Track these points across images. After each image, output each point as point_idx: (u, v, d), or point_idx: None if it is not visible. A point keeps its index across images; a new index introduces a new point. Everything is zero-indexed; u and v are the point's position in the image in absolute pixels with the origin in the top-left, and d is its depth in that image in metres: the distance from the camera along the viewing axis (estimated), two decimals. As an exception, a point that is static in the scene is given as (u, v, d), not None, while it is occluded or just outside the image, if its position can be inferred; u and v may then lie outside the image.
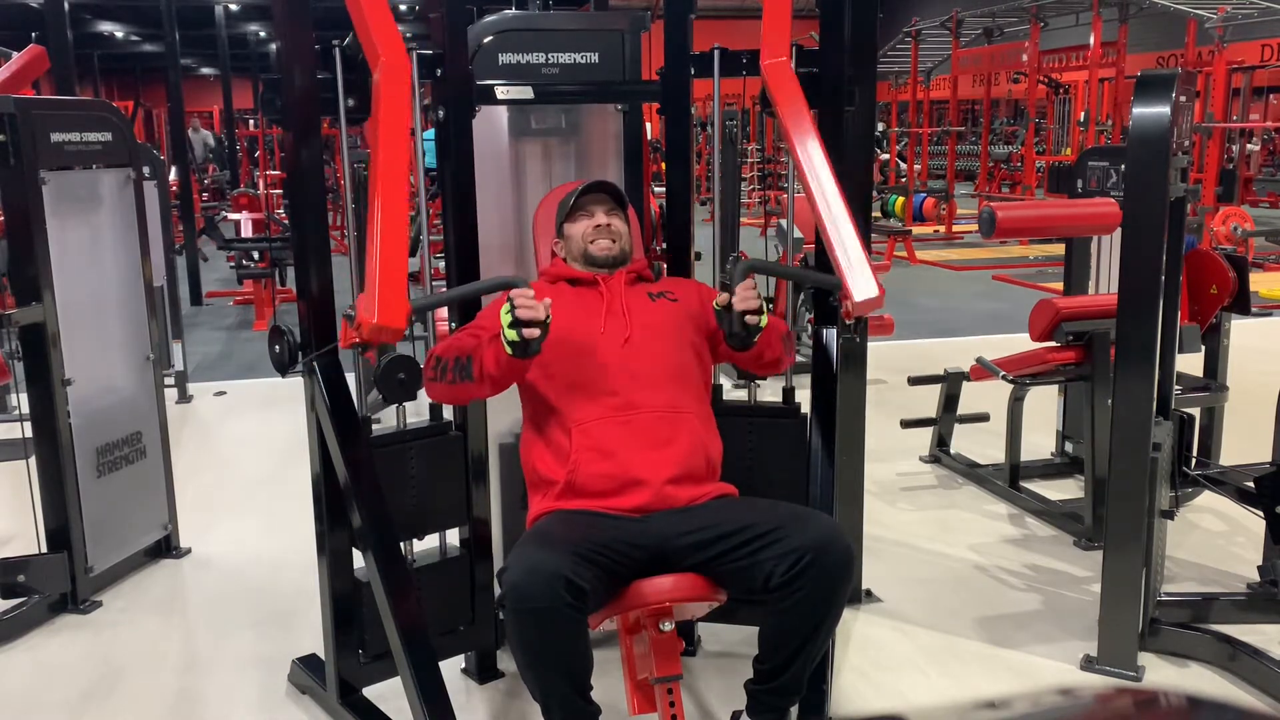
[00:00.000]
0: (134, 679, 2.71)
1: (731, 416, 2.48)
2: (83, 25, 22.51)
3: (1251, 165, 15.16)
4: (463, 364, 2.13)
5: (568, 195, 2.43)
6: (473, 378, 2.11)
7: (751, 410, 2.62)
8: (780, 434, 2.58)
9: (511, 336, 1.97)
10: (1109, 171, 3.90)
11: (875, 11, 2.78)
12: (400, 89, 2.10)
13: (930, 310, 8.12)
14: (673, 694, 2.03)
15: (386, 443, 2.39)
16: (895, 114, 18.80)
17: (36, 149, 2.94)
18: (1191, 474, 3.03)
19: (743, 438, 2.55)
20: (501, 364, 2.05)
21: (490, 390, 2.16)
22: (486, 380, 2.10)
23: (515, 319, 1.96)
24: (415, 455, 2.43)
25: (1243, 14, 12.17)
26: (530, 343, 1.97)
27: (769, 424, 2.58)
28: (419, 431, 2.46)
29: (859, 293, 2.08)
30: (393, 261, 1.93)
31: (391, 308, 1.88)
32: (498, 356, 2.04)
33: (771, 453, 2.57)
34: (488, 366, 2.08)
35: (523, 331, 1.96)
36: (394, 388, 2.41)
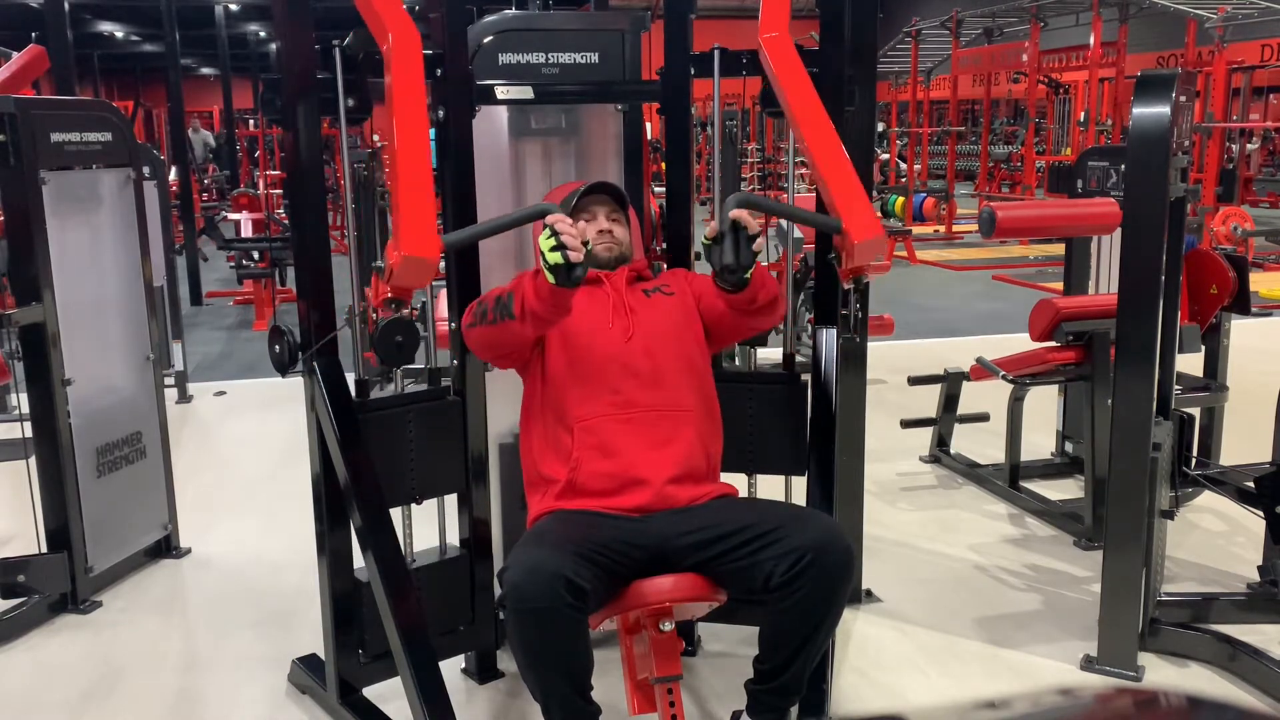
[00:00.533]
0: (134, 679, 2.71)
1: (732, 383, 2.49)
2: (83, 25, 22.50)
3: (1251, 165, 15.16)
4: (504, 302, 2.08)
5: (569, 196, 2.42)
6: (513, 315, 2.06)
7: (751, 377, 2.62)
8: (780, 399, 2.58)
9: (554, 260, 1.90)
10: (1109, 171, 3.90)
11: (875, 11, 2.78)
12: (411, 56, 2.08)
13: (930, 310, 8.12)
14: (673, 694, 2.03)
15: (384, 407, 2.38)
16: (895, 114, 18.80)
17: (36, 149, 2.94)
18: (1191, 474, 3.03)
19: (743, 404, 2.56)
20: (544, 296, 1.99)
21: (531, 329, 2.09)
22: (529, 317, 2.04)
23: (559, 243, 1.90)
24: (413, 420, 2.43)
25: (1243, 14, 12.17)
26: (574, 267, 1.91)
27: (769, 390, 2.59)
28: (417, 396, 2.46)
29: (860, 232, 2.02)
30: (419, 197, 1.90)
31: (421, 239, 1.85)
32: (539, 289, 1.99)
33: (772, 418, 2.58)
34: (529, 301, 2.02)
35: (567, 254, 1.90)
36: (391, 350, 2.40)
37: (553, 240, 1.92)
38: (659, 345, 2.23)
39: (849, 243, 2.06)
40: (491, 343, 2.21)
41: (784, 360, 2.64)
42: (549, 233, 1.93)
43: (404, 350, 2.40)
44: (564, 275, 1.93)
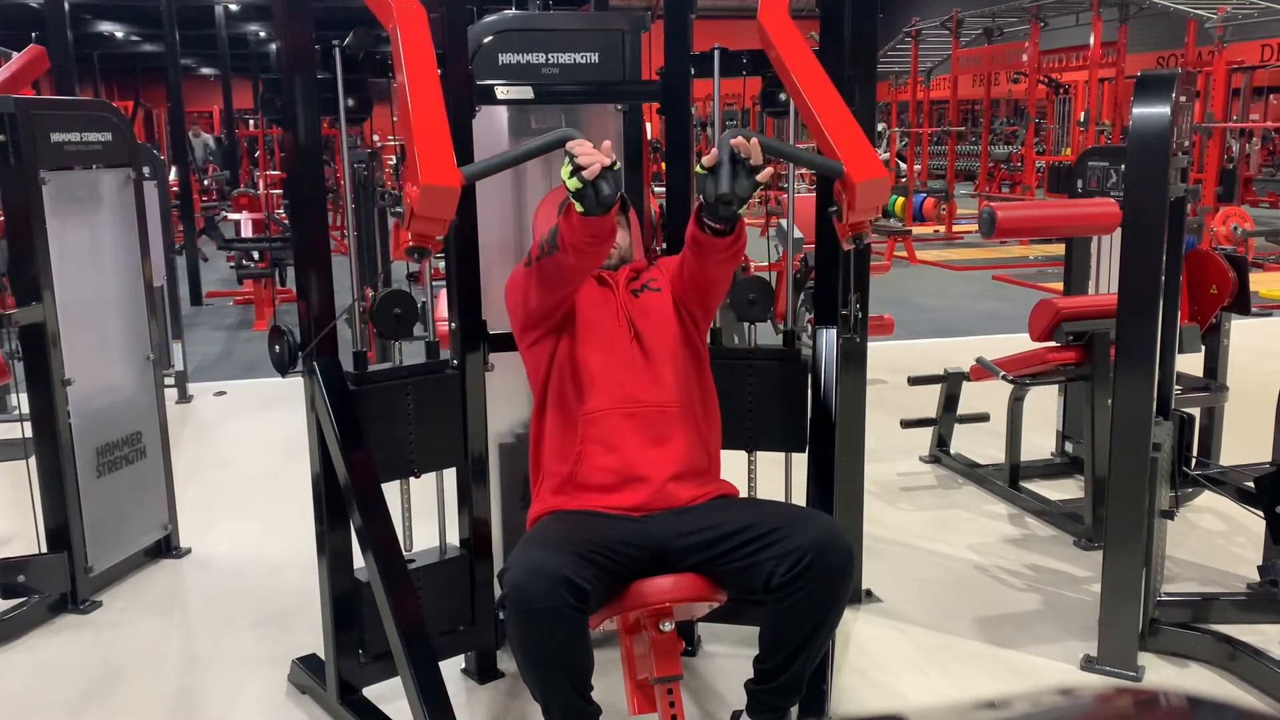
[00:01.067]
0: (134, 679, 2.71)
1: (732, 360, 2.49)
2: (83, 25, 22.51)
3: (1251, 165, 15.16)
4: (548, 238, 2.06)
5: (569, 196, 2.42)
6: (559, 246, 2.02)
7: (751, 354, 2.63)
8: (780, 375, 2.59)
9: (575, 185, 1.83)
10: (1109, 171, 3.90)
11: (875, 11, 2.78)
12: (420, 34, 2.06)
13: (930, 310, 8.12)
14: (673, 694, 2.03)
15: (382, 379, 2.38)
16: (895, 114, 18.80)
17: (36, 149, 2.94)
18: (1191, 474, 3.03)
19: (743, 381, 2.56)
20: (575, 226, 1.94)
21: (574, 259, 2.02)
22: (569, 248, 1.99)
23: (576, 166, 1.83)
24: (412, 393, 2.42)
25: (1243, 14, 12.18)
26: (598, 185, 1.82)
27: (769, 366, 2.59)
28: (415, 369, 2.45)
29: (861, 172, 1.95)
30: (433, 129, 1.85)
31: (441, 168, 1.80)
32: (571, 221, 1.95)
33: (771, 395, 2.58)
34: (565, 233, 1.98)
35: (584, 174, 1.82)
36: (390, 323, 2.39)
37: (570, 167, 1.84)
38: (654, 343, 2.24)
39: (850, 184, 1.97)
40: (541, 277, 2.14)
41: (784, 338, 2.64)
42: (567, 161, 1.85)
43: (402, 322, 2.39)
44: (592, 200, 1.84)
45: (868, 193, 1.96)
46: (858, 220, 2.00)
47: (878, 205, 2.00)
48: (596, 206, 1.86)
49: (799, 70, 2.19)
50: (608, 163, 1.83)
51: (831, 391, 2.54)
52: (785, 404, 2.59)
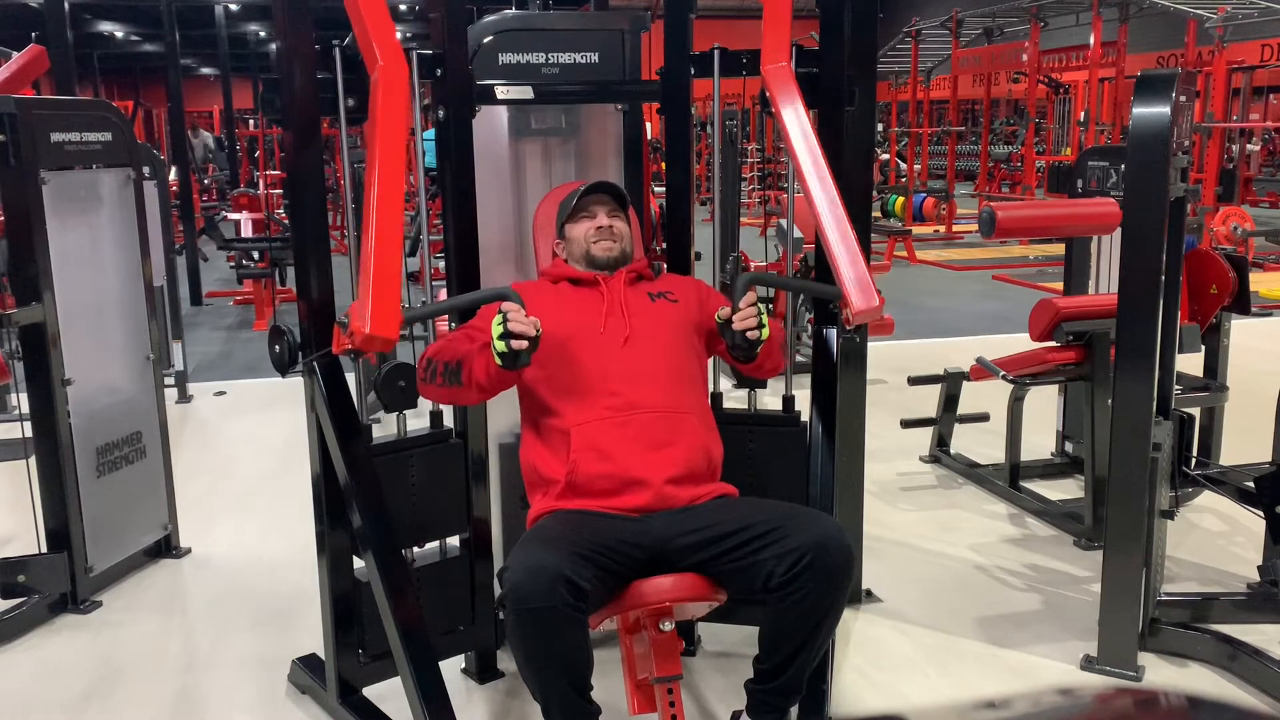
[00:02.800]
0: (134, 679, 2.71)
1: (732, 425, 2.48)
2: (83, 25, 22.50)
3: (1251, 165, 15.16)
4: (452, 369, 2.15)
5: (569, 195, 2.42)
6: (461, 383, 2.14)
7: (752, 419, 2.63)
8: (781, 442, 2.59)
9: (501, 348, 1.99)
10: (1109, 171, 3.90)
11: (875, 11, 2.78)
12: (398, 95, 2.10)
13: (930, 310, 8.12)
14: (673, 694, 2.03)
15: (386, 451, 2.40)
16: (895, 114, 18.79)
17: (36, 149, 2.94)
18: (1191, 474, 3.03)
19: (743, 446, 2.55)
20: (491, 374, 2.08)
21: (478, 397, 2.20)
22: (474, 388, 2.13)
23: (506, 331, 1.98)
24: (415, 463, 2.44)
25: (1243, 14, 12.17)
26: (520, 354, 2.00)
27: (769, 433, 2.60)
28: (419, 439, 2.47)
29: (858, 303, 2.11)
30: (386, 270, 1.94)
31: (384, 318, 1.91)
32: (487, 366, 2.07)
33: (772, 461, 2.58)
34: (477, 375, 2.10)
35: (511, 343, 1.98)
36: (395, 395, 2.42)
37: (501, 328, 1.99)
38: (656, 349, 2.23)
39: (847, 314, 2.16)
40: (443, 400, 2.34)
41: (784, 404, 2.64)
42: (499, 320, 2.00)
43: (407, 394, 2.42)
44: (510, 360, 2.01)
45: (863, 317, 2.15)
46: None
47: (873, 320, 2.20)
48: (513, 365, 2.02)
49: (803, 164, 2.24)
50: (533, 335, 1.99)
51: (832, 391, 2.54)
52: (787, 470, 2.57)
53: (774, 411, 2.64)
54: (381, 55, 2.10)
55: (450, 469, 2.50)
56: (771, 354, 2.25)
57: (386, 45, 2.12)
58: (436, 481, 2.47)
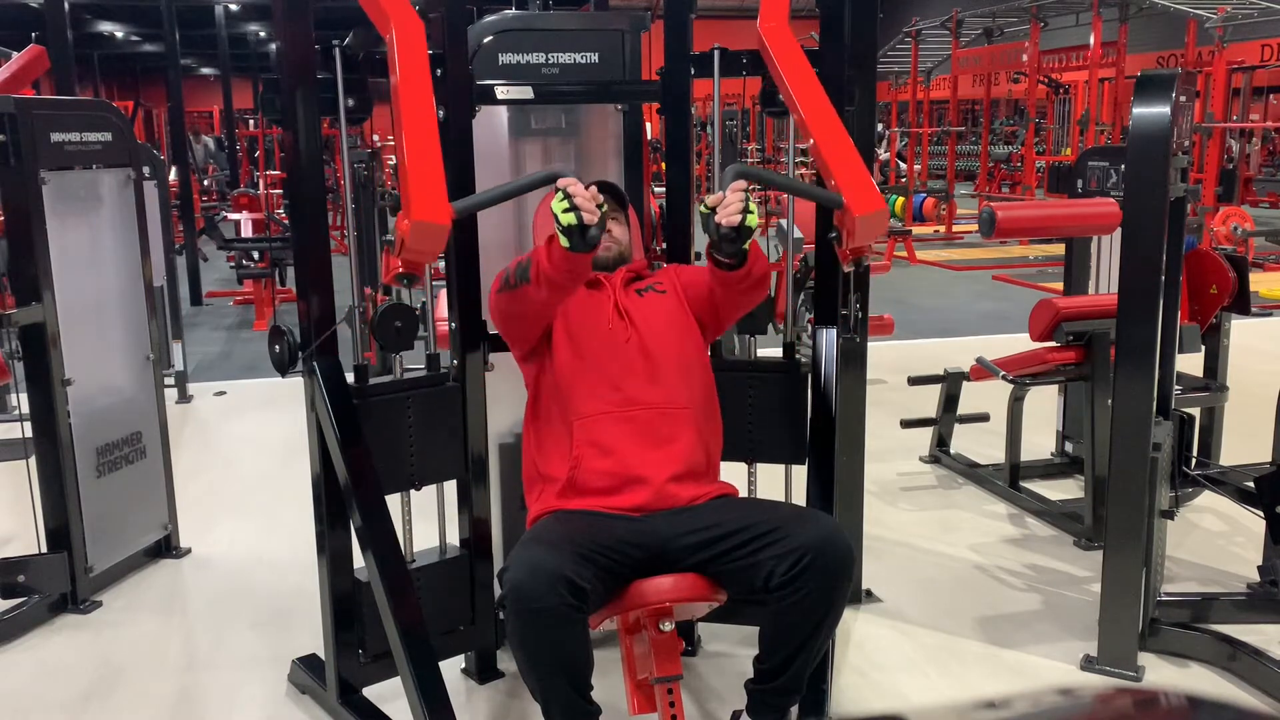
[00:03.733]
0: (134, 679, 2.71)
1: (732, 372, 2.50)
2: (83, 25, 22.51)
3: (1251, 165, 15.16)
4: (523, 266, 2.08)
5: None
6: (529, 279, 2.06)
7: (751, 365, 2.63)
8: (780, 388, 2.59)
9: (568, 221, 1.89)
10: (1109, 171, 3.90)
11: (875, 11, 2.78)
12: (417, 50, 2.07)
13: (930, 310, 8.12)
14: (673, 694, 2.03)
15: (382, 392, 2.38)
16: (895, 114, 18.79)
17: (36, 149, 2.93)
18: (1191, 474, 3.03)
19: (743, 393, 2.57)
20: (557, 260, 1.98)
21: (546, 293, 2.07)
22: (544, 282, 2.04)
23: (572, 204, 1.89)
24: (412, 405, 2.43)
25: (1243, 14, 12.17)
26: (588, 229, 1.90)
27: (769, 378, 2.60)
28: (416, 381, 2.45)
29: (861, 206, 2.00)
30: (426, 163, 1.89)
31: (432, 205, 1.84)
32: (553, 254, 1.99)
33: (772, 407, 2.58)
34: (544, 266, 2.02)
35: (581, 215, 1.89)
36: (391, 335, 2.39)
37: (566, 203, 1.90)
38: (656, 344, 2.24)
39: (850, 217, 2.03)
40: (511, 311, 2.20)
41: (784, 350, 2.64)
42: (562, 195, 1.91)
43: (403, 335, 2.39)
44: (578, 238, 1.91)
45: (868, 225, 2.02)
46: (857, 246, 2.07)
47: (877, 234, 2.06)
48: (582, 244, 1.93)
49: (800, 93, 2.22)
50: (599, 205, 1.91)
51: (831, 391, 2.54)
52: (785, 416, 2.59)
53: (773, 359, 2.64)
54: (393, 17, 2.09)
55: (446, 413, 2.49)
56: (760, 258, 2.14)
57: (396, 6, 2.11)
58: (433, 424, 2.46)
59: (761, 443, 2.60)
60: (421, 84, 2.03)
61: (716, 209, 1.96)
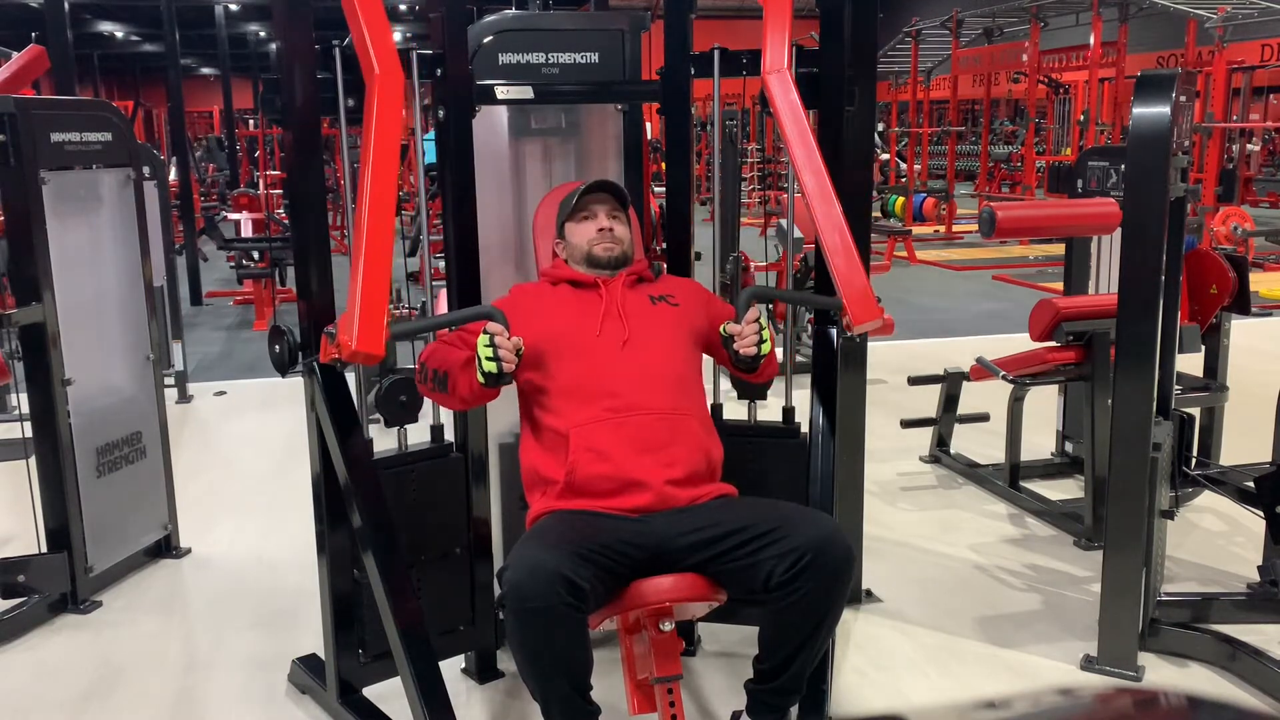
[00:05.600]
0: (134, 679, 2.71)
1: (732, 437, 2.48)
2: (83, 25, 22.52)
3: (1251, 165, 15.16)
4: (440, 377, 2.22)
5: (569, 195, 2.42)
6: (448, 392, 2.21)
7: (752, 430, 2.64)
8: (781, 454, 2.60)
9: (490, 369, 2.04)
10: (1109, 171, 3.90)
11: (875, 11, 2.78)
12: (393, 106, 2.10)
13: (930, 310, 8.12)
14: (673, 694, 2.03)
15: (388, 465, 2.41)
16: (895, 114, 18.79)
17: (36, 149, 2.94)
18: (1191, 474, 3.03)
19: (744, 457, 2.56)
20: (474, 390, 2.13)
21: (461, 407, 2.30)
22: (458, 399, 2.20)
23: (494, 354, 2.04)
24: (416, 477, 2.45)
25: (1243, 14, 12.18)
26: (504, 375, 2.06)
27: (770, 444, 2.61)
28: (419, 454, 2.48)
29: (859, 315, 2.20)
30: (374, 286, 1.98)
31: (370, 334, 1.95)
32: (471, 383, 2.12)
33: (773, 473, 2.59)
34: (461, 389, 2.17)
35: (501, 364, 2.04)
36: (395, 410, 2.43)
37: (490, 350, 2.04)
38: (654, 352, 2.23)
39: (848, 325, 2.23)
40: (438, 402, 2.37)
41: (784, 414, 2.64)
42: (487, 340, 2.04)
43: (408, 409, 2.43)
44: (493, 381, 2.07)
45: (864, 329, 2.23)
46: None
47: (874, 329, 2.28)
48: (496, 384, 2.09)
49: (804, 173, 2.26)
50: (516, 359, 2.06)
51: (832, 391, 2.54)
52: (787, 482, 2.57)
53: (774, 423, 2.64)
54: (379, 64, 2.10)
55: (451, 483, 2.51)
56: (771, 363, 2.30)
57: (384, 53, 2.12)
58: (437, 496, 2.49)
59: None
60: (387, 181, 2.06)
61: (734, 337, 2.16)
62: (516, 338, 2.07)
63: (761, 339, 2.16)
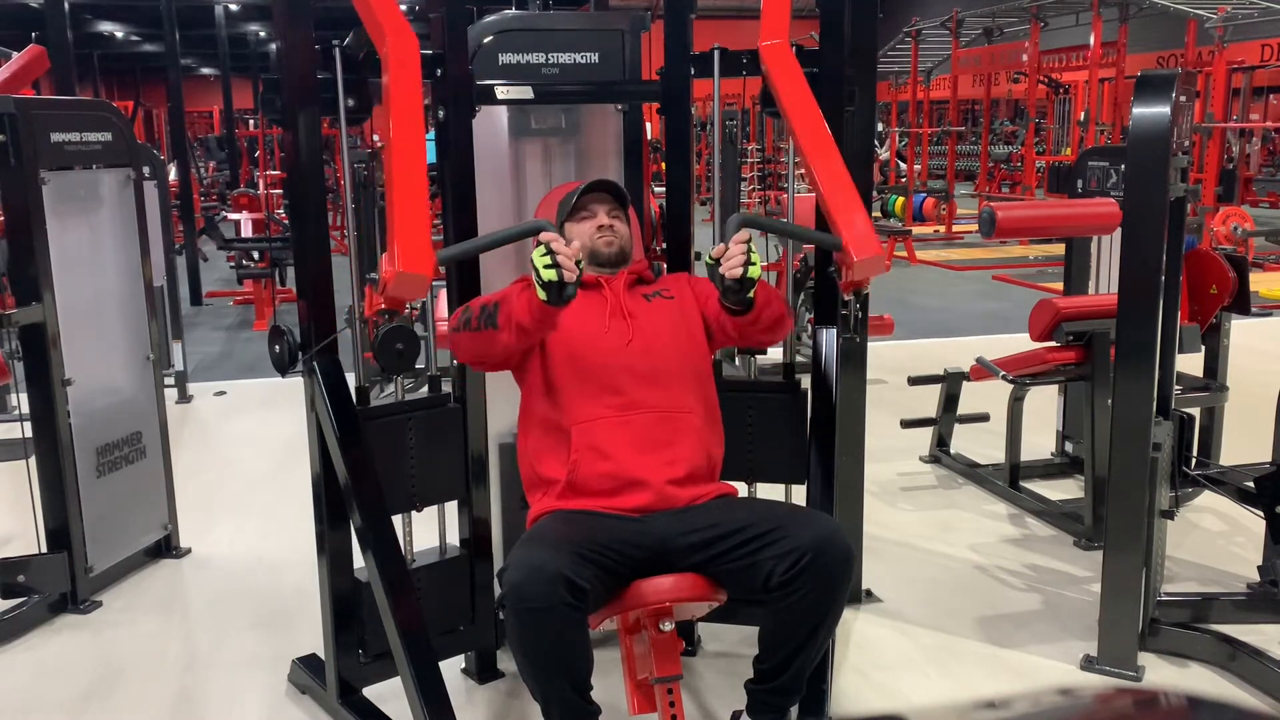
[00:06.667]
0: (134, 679, 2.71)
1: (732, 392, 2.49)
2: (83, 25, 22.52)
3: (1251, 165, 15.16)
4: (489, 311, 2.09)
5: (568, 194, 2.42)
6: (498, 325, 2.07)
7: (752, 385, 2.63)
8: (780, 409, 2.59)
9: (549, 277, 1.91)
10: (1109, 171, 3.90)
11: (875, 11, 2.78)
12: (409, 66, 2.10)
13: (930, 310, 8.12)
14: (673, 694, 2.03)
15: (384, 414, 2.39)
16: (895, 114, 18.80)
17: (36, 149, 2.94)
18: (1191, 474, 3.03)
19: (743, 413, 2.56)
20: (533, 311, 1.99)
21: (513, 339, 2.07)
22: (513, 328, 2.04)
23: (554, 261, 1.91)
24: (414, 428, 2.43)
25: (1243, 14, 12.18)
26: (566, 286, 1.92)
27: (769, 399, 2.59)
28: (417, 403, 2.46)
29: (860, 250, 2.06)
30: (413, 211, 1.92)
31: (416, 254, 1.87)
32: (530, 303, 1.99)
33: (772, 427, 2.58)
34: (518, 314, 2.02)
35: (562, 273, 1.90)
36: (392, 359, 2.39)
37: (548, 258, 1.92)
38: (659, 349, 2.23)
39: (849, 260, 2.10)
40: (473, 350, 2.20)
41: (784, 369, 2.64)
42: (544, 250, 1.93)
43: (405, 358, 2.39)
44: (555, 293, 1.93)
45: (866, 268, 2.09)
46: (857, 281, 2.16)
47: (875, 273, 2.14)
48: (559, 300, 1.94)
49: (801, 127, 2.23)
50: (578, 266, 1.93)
51: (832, 391, 2.54)
52: (786, 437, 2.58)
53: (774, 379, 2.63)
54: (388, 31, 2.10)
55: (449, 433, 2.49)
56: (770, 302, 2.16)
57: (392, 21, 2.13)
58: (435, 446, 2.47)
59: (761, 463, 2.60)
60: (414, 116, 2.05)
61: (720, 260, 2.00)
62: (575, 243, 1.94)
63: (750, 261, 2.00)
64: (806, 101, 2.28)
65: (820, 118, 2.26)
